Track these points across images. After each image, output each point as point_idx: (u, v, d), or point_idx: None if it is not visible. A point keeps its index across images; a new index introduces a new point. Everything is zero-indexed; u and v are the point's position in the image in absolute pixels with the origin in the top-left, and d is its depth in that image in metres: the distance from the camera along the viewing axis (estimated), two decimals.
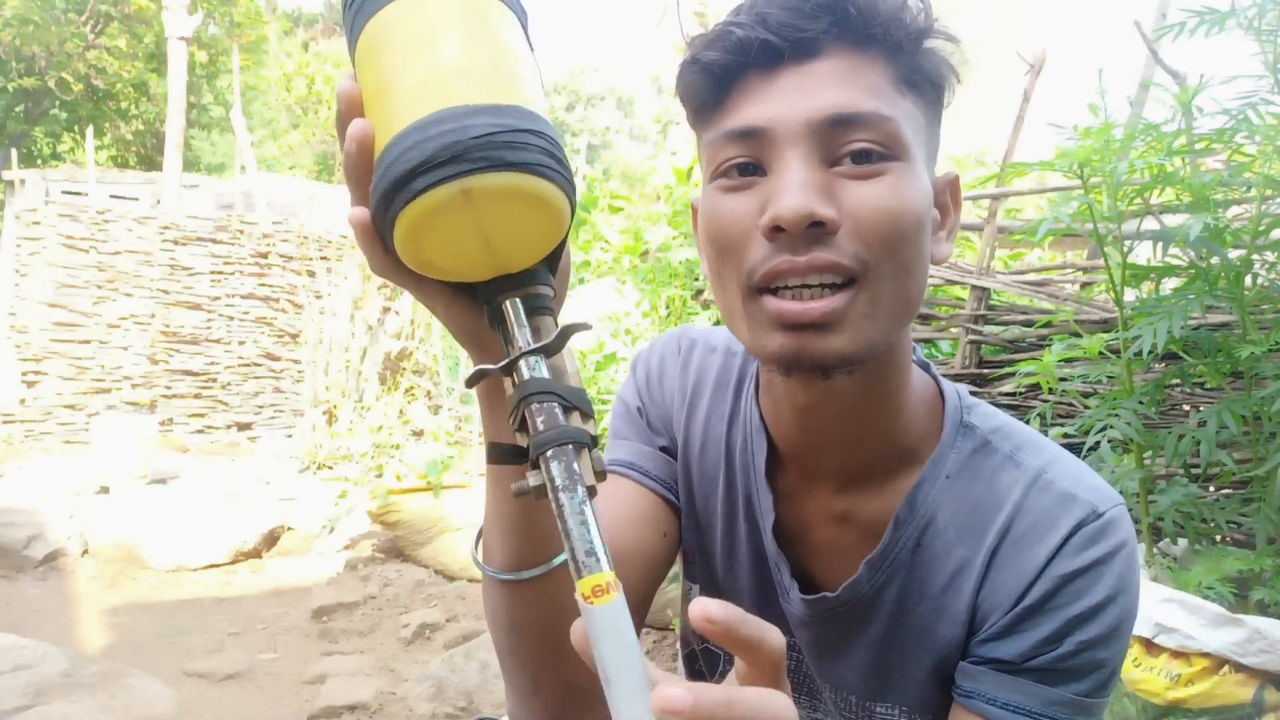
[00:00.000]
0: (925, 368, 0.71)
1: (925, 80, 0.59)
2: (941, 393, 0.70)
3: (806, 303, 0.56)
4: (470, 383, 0.48)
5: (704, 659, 0.82)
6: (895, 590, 0.67)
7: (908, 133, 0.57)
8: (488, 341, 0.53)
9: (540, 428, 0.41)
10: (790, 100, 0.57)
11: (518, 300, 0.46)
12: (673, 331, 0.83)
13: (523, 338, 0.45)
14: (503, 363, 0.44)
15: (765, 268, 0.56)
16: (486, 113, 0.42)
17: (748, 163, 0.58)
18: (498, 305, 0.46)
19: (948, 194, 0.65)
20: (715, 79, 0.60)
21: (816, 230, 0.55)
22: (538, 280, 0.47)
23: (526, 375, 0.43)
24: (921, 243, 0.59)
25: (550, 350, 0.45)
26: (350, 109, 0.47)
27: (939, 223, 0.64)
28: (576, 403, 0.43)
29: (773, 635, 0.38)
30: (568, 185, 0.45)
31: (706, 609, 0.36)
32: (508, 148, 0.41)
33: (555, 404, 0.42)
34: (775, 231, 0.55)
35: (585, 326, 0.47)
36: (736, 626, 0.37)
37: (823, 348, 0.56)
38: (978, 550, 0.64)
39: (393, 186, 0.42)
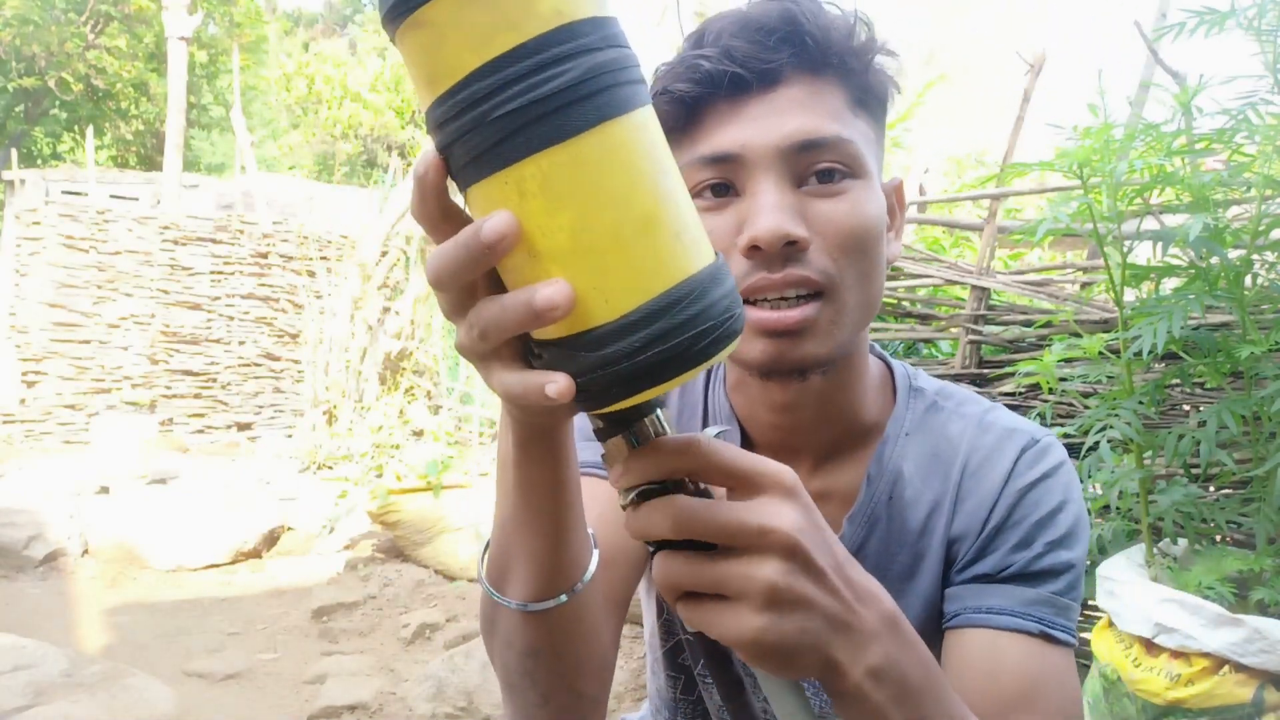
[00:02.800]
0: (871, 348, 0.78)
1: (874, 99, 0.66)
2: (890, 368, 0.78)
3: (783, 312, 0.61)
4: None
5: (690, 650, 0.82)
6: (876, 542, 0.73)
7: (863, 150, 0.63)
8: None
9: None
10: (759, 127, 0.62)
11: (659, 412, 0.43)
12: None
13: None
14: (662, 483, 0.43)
15: (745, 284, 0.62)
16: (715, 281, 0.39)
17: (721, 184, 0.63)
18: (638, 420, 0.43)
19: (894, 197, 0.71)
20: (685, 108, 0.64)
21: (790, 248, 0.61)
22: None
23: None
24: (879, 251, 0.65)
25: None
26: (513, 238, 0.37)
27: (888, 225, 0.69)
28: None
29: (699, 436, 0.42)
30: None
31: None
32: (737, 318, 0.40)
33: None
34: (753, 250, 0.61)
35: (725, 429, 0.49)
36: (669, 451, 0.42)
37: (799, 353, 0.63)
38: (945, 490, 0.72)
39: (641, 373, 0.38)
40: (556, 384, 0.37)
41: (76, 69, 11.80)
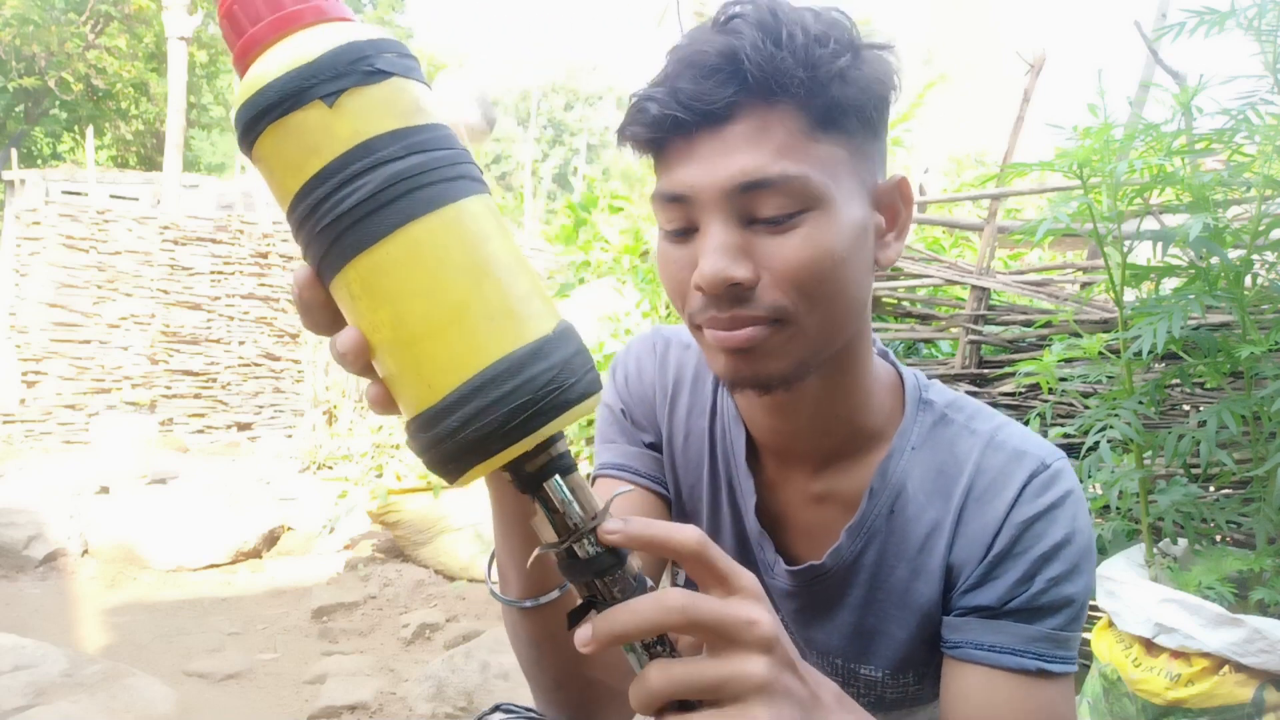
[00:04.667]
0: (884, 355, 0.78)
1: (845, 113, 0.62)
2: (901, 376, 0.77)
3: (733, 332, 0.62)
4: (532, 564, 0.53)
5: None
6: (874, 554, 0.73)
7: (821, 180, 0.60)
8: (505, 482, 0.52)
9: (618, 595, 0.45)
10: (706, 167, 0.61)
11: (556, 479, 0.45)
12: (645, 333, 0.88)
13: (573, 516, 0.45)
14: (564, 543, 0.45)
15: (699, 318, 0.64)
16: (536, 357, 0.41)
17: (681, 228, 0.64)
18: (538, 488, 0.45)
19: (896, 195, 0.68)
20: (645, 146, 0.65)
21: (735, 289, 0.61)
22: (557, 440, 0.45)
23: (590, 553, 0.45)
24: (845, 274, 0.63)
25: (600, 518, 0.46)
26: (356, 351, 0.43)
27: (885, 227, 0.68)
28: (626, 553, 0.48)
29: (680, 532, 0.44)
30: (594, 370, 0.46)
31: (608, 525, 0.43)
32: (566, 389, 0.42)
33: (623, 571, 0.45)
34: (701, 290, 0.62)
35: (627, 489, 0.54)
36: (639, 534, 0.43)
37: (754, 369, 0.63)
38: (946, 511, 0.71)
39: (463, 450, 0.41)
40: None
41: (76, 69, 11.79)
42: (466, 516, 4.01)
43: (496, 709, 0.74)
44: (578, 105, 29.96)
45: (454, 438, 0.41)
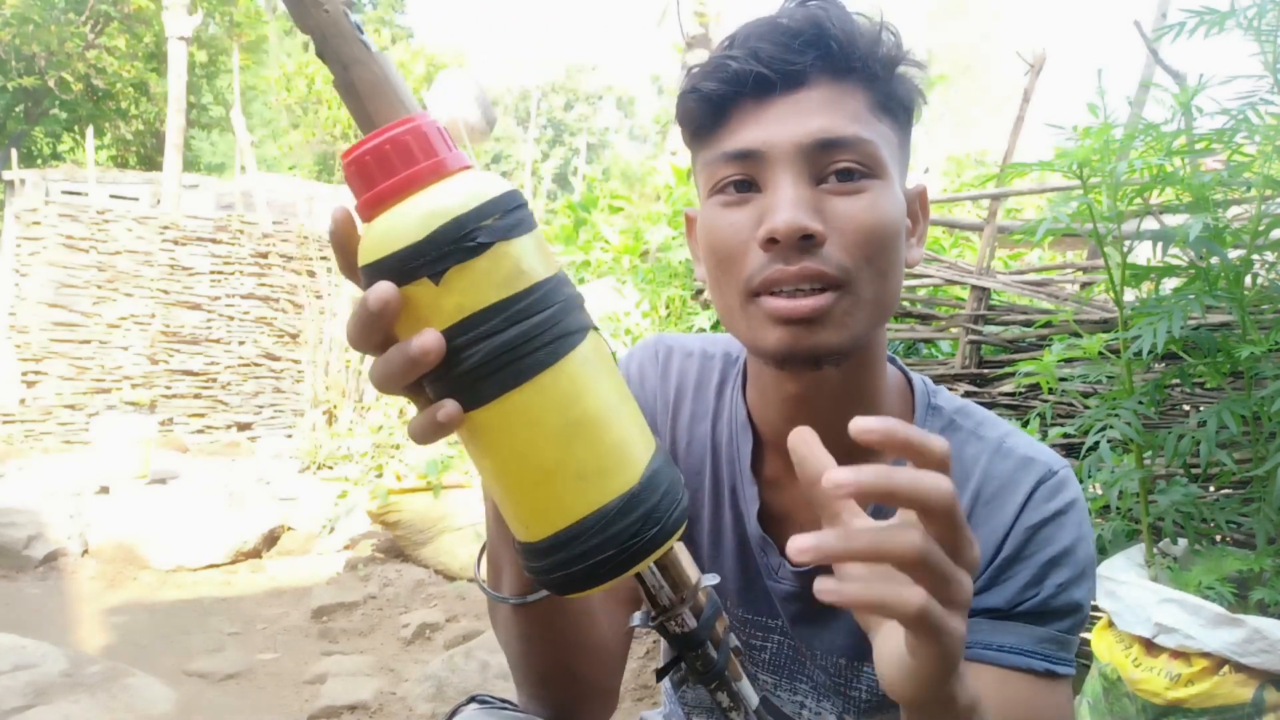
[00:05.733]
0: (893, 361, 0.79)
1: (898, 105, 0.67)
2: (910, 382, 0.79)
3: (797, 301, 0.63)
4: (660, 675, 0.58)
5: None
6: None
7: (884, 153, 0.65)
8: None
9: (700, 668, 0.54)
10: (782, 126, 0.64)
11: (652, 565, 0.52)
12: (647, 340, 0.89)
13: (664, 598, 0.53)
14: (657, 620, 0.54)
15: (762, 275, 0.64)
16: (623, 512, 0.46)
17: (744, 180, 0.66)
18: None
19: (917, 204, 0.73)
20: (713, 106, 0.67)
21: (806, 242, 0.62)
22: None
23: (682, 629, 0.54)
24: (897, 249, 0.66)
25: (689, 600, 0.55)
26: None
27: (910, 230, 0.72)
28: (709, 629, 0.56)
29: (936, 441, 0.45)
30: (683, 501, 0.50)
31: (864, 424, 0.43)
32: (650, 540, 0.46)
33: (708, 645, 0.54)
34: (771, 243, 0.63)
35: (714, 579, 0.57)
36: (896, 430, 0.43)
37: (813, 341, 0.64)
38: None
39: (550, 585, 0.48)
40: (445, 409, 0.43)
41: (76, 69, 11.78)
42: (466, 516, 4.01)
43: (472, 700, 0.75)
44: (578, 105, 29.95)
45: (543, 575, 0.47)
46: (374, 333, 0.43)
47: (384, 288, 0.42)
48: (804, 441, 0.49)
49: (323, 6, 0.44)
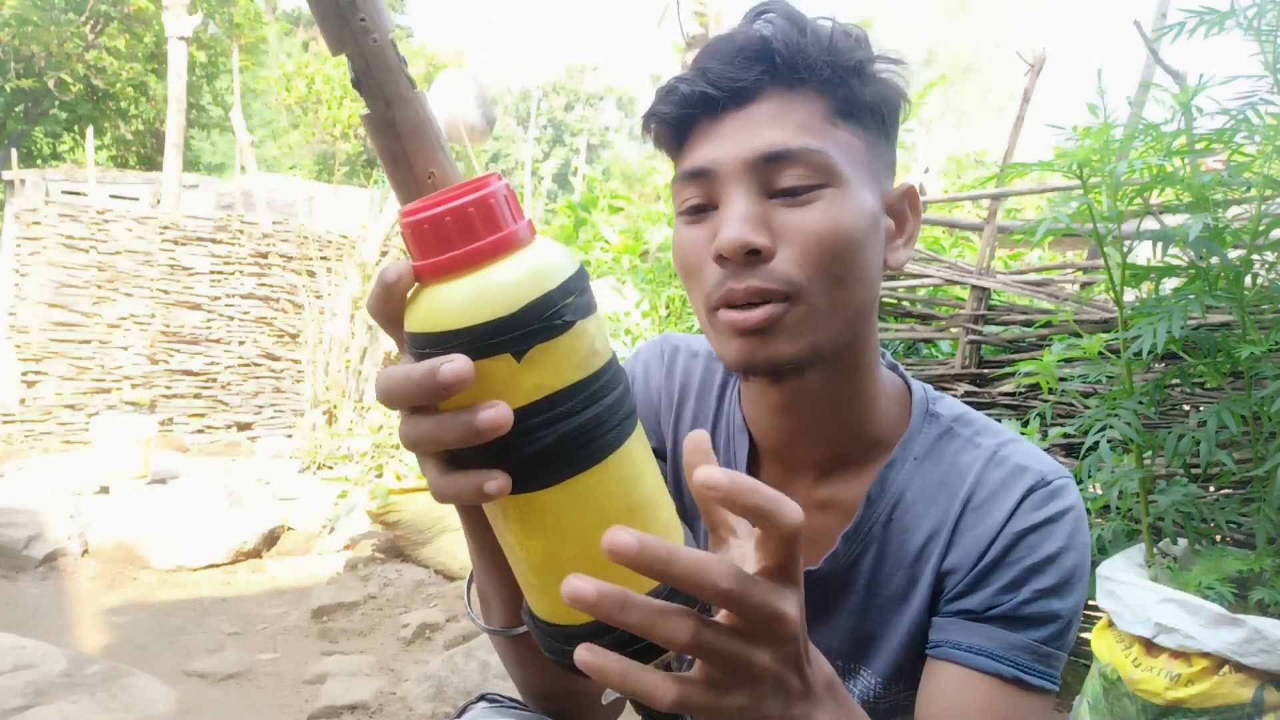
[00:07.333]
0: (894, 368, 0.79)
1: (863, 108, 0.66)
2: (909, 387, 0.78)
3: (747, 312, 0.63)
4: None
5: None
6: (870, 560, 0.73)
7: (840, 160, 0.64)
8: None
9: None
10: (731, 143, 0.64)
11: None
12: (654, 339, 0.89)
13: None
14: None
15: (719, 291, 0.64)
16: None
17: (700, 203, 0.66)
18: None
19: (905, 204, 0.71)
20: (671, 129, 0.68)
21: (753, 257, 0.62)
22: None
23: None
24: (857, 256, 0.65)
25: None
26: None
27: (895, 231, 0.71)
28: None
29: (788, 507, 0.42)
30: None
31: (709, 476, 0.40)
32: None
33: None
34: (720, 259, 0.63)
35: None
36: (744, 494, 0.40)
37: (768, 352, 0.64)
38: (944, 520, 0.71)
39: (575, 668, 0.46)
40: (498, 482, 0.41)
41: (76, 69, 11.79)
42: None
43: (482, 698, 0.75)
44: (578, 105, 29.96)
45: (567, 660, 0.44)
46: (427, 400, 0.41)
47: (462, 364, 0.39)
48: (694, 440, 0.49)
49: (370, 34, 0.41)
